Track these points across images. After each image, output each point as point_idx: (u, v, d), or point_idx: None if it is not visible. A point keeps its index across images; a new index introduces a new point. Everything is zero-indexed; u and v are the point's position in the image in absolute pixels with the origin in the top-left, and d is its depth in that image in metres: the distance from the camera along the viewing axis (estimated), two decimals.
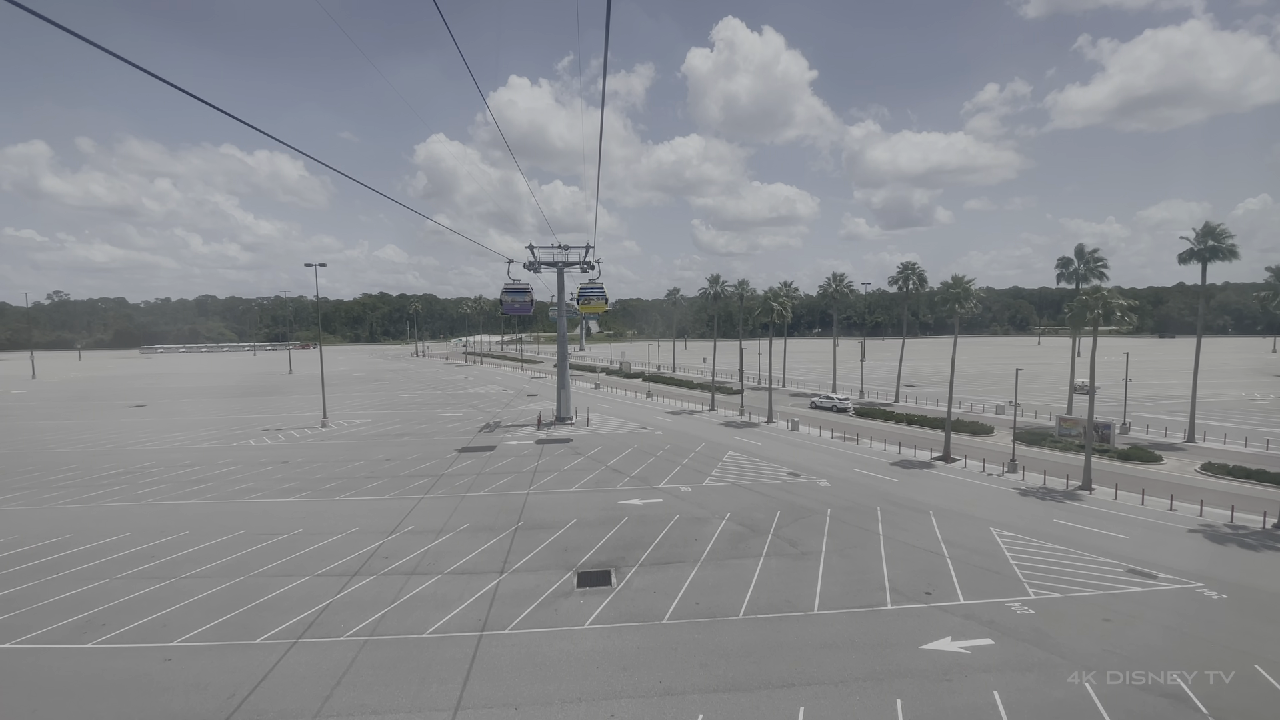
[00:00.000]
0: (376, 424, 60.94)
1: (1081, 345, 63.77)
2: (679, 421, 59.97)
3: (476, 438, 53.38)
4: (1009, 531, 29.75)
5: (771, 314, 56.18)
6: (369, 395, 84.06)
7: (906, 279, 65.99)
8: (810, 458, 44.62)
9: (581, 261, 57.65)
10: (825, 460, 43.88)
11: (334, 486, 38.98)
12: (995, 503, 34.37)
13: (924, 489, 36.97)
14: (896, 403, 69.36)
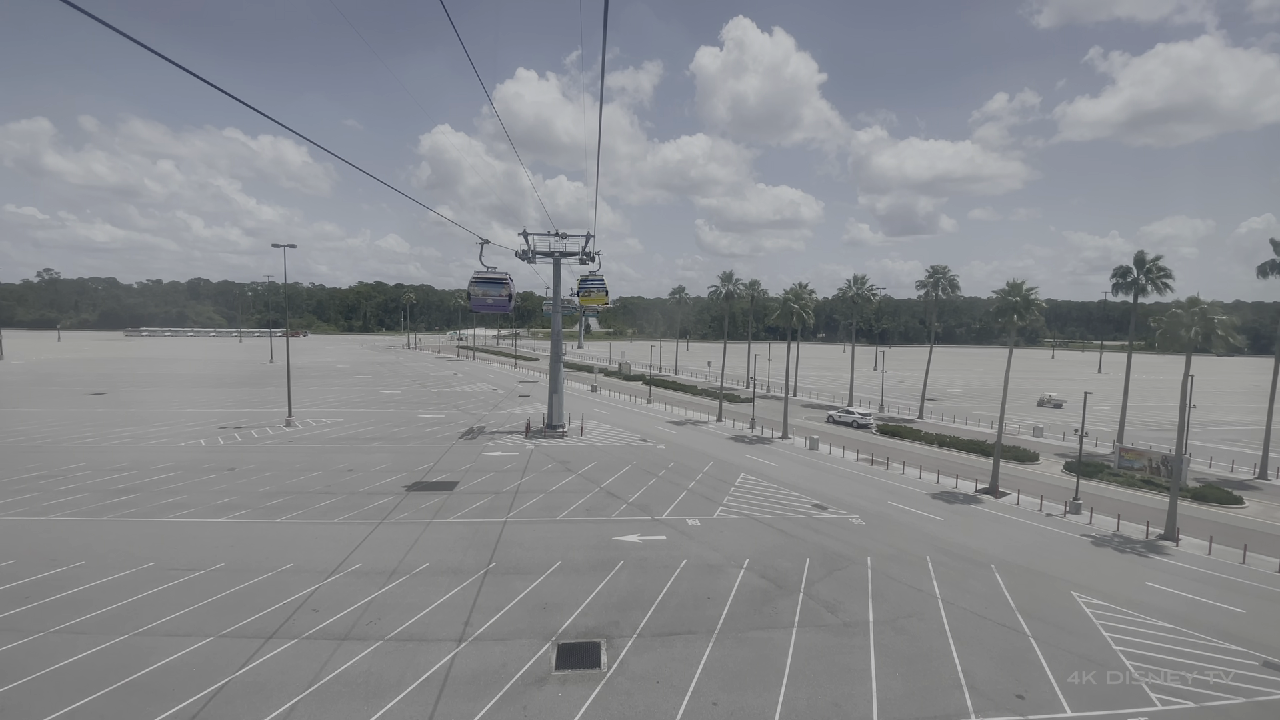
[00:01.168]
0: (347, 425, 55.01)
1: (1103, 359, 57.75)
2: (684, 434, 54.12)
3: (452, 453, 47.53)
4: (1097, 599, 23.95)
5: (791, 317, 50.37)
6: (348, 390, 78.13)
7: (936, 283, 60.17)
8: (836, 485, 38.79)
9: (581, 252, 51.77)
10: (854, 489, 38.04)
11: (279, 504, 33.07)
12: (1067, 555, 28.55)
13: (977, 532, 31.15)
14: (920, 419, 63.57)
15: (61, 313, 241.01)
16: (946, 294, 60.33)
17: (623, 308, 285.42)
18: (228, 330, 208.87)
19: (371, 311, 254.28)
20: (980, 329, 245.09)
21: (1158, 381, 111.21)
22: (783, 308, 50.86)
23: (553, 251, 51.73)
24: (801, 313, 50.21)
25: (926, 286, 60.97)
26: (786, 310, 50.49)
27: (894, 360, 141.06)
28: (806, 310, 50.68)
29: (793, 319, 50.31)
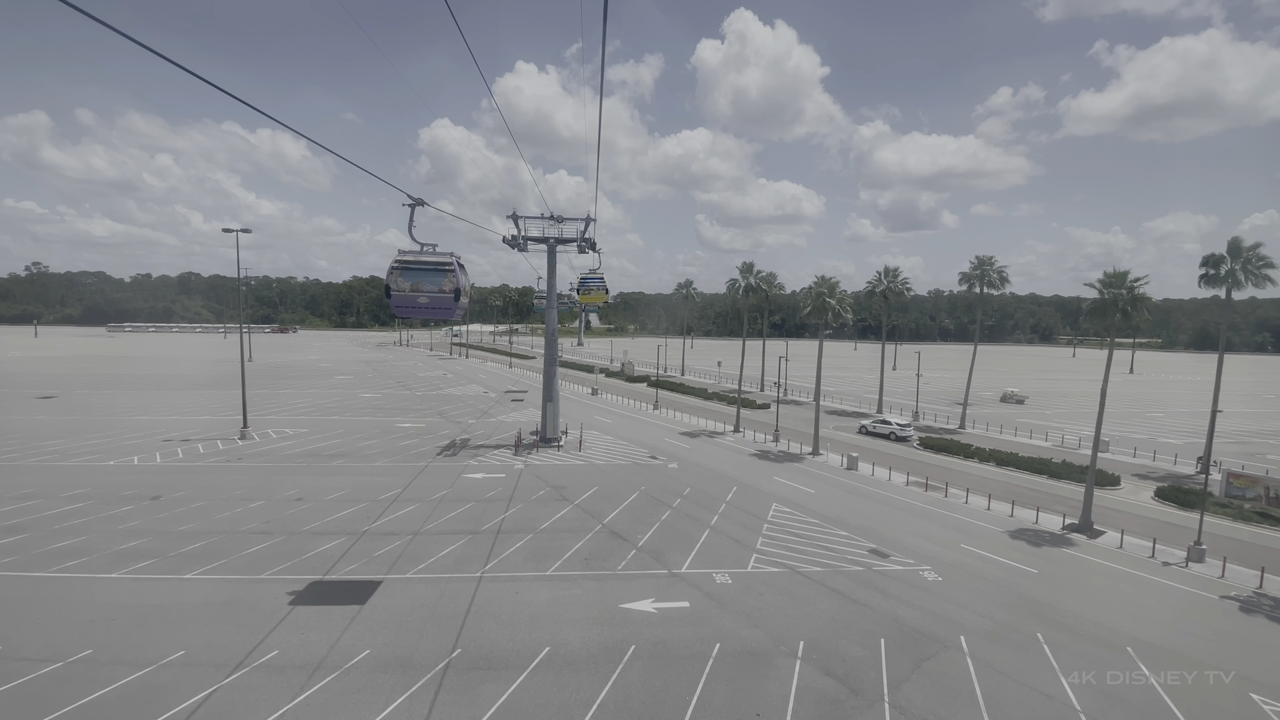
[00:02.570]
0: (312, 436, 48.03)
1: (1135, 359, 50.78)
2: (698, 448, 47.11)
3: (427, 475, 40.58)
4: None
5: (824, 312, 43.32)
6: (324, 394, 71.10)
7: (982, 275, 53.02)
8: (891, 521, 31.80)
9: (579, 239, 44.75)
10: (914, 527, 31.06)
11: (196, 551, 26.12)
12: (1217, 630, 21.58)
13: (1088, 593, 24.18)
14: (962, 429, 56.55)
15: (47, 307, 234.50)
16: (996, 287, 53.23)
17: (623, 303, 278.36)
18: (215, 326, 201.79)
19: (365, 307, 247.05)
20: (990, 327, 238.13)
21: (1193, 383, 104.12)
22: (815, 302, 43.79)
23: (547, 237, 44.70)
24: (838, 307, 43.16)
25: (971, 279, 53.85)
26: (819, 305, 43.42)
27: (909, 359, 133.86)
28: (843, 305, 43.61)
29: (826, 314, 43.26)
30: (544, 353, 45.93)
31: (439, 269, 23.48)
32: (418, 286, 22.98)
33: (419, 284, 23.05)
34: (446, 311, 23.79)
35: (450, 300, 23.55)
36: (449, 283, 23.35)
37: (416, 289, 23.01)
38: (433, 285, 23.33)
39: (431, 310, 23.85)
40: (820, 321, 44.55)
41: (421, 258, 23.67)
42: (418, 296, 23.28)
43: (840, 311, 43.32)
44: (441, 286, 23.36)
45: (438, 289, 23.44)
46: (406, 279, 23.11)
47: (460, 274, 23.74)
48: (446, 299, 23.57)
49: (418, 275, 23.12)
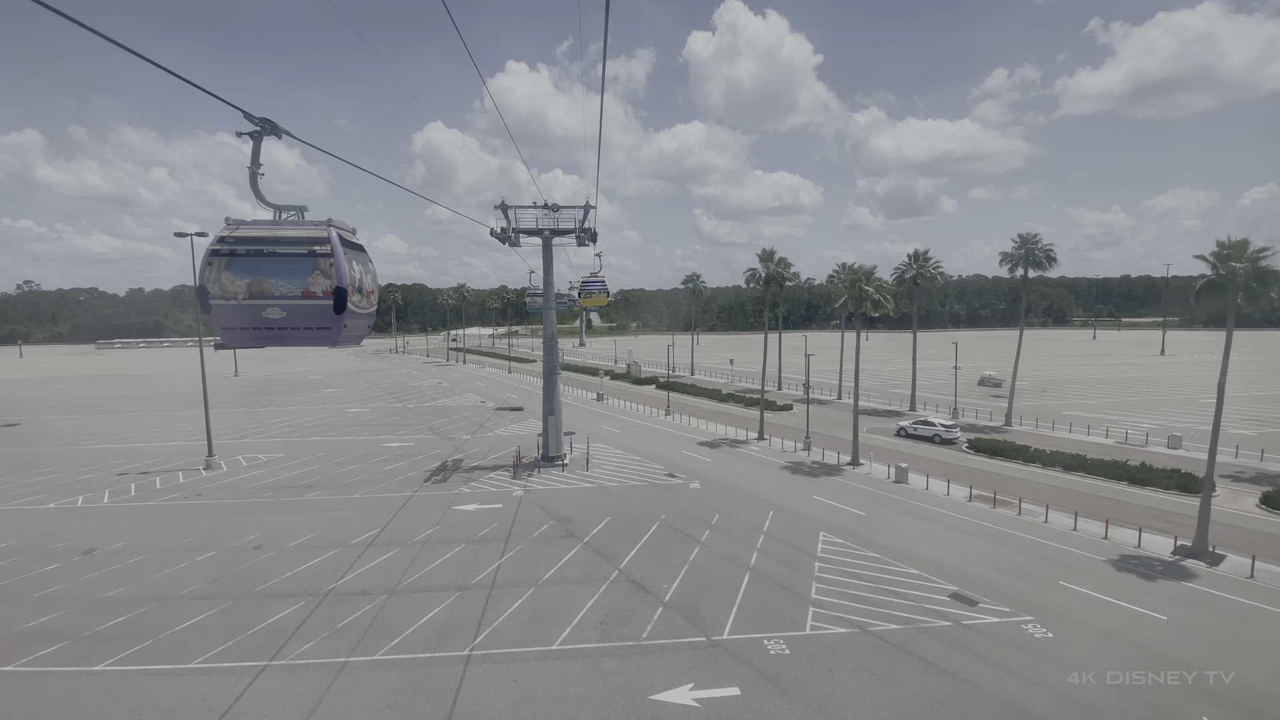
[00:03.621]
0: (286, 463, 42.88)
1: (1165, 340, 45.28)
2: (720, 461, 41.83)
3: (410, 510, 35.39)
4: None
5: (862, 303, 37.95)
6: (308, 409, 65.93)
7: (1028, 255, 47.51)
8: (964, 549, 26.50)
9: (577, 229, 39.44)
10: (993, 556, 25.75)
11: (116, 629, 20.96)
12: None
13: (1243, 649, 18.84)
14: (1009, 426, 51.13)
15: (39, 326, 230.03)
16: (1042, 267, 47.72)
17: (624, 301, 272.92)
18: (209, 339, 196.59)
19: None
20: (1002, 310, 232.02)
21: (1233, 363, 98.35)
22: (850, 290, 38.35)
23: (541, 229, 39.38)
24: (877, 296, 37.76)
25: (1014, 261, 48.34)
26: (856, 294, 37.98)
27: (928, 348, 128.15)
28: (884, 293, 38.21)
29: (864, 304, 37.89)
30: (542, 360, 40.67)
31: (304, 251, 12.01)
32: (262, 288, 11.82)
33: (264, 284, 11.83)
34: (324, 334, 12.13)
35: (326, 312, 11.88)
36: (323, 277, 11.84)
37: (260, 292, 11.79)
38: (292, 284, 11.88)
39: (294, 333, 12.08)
40: (857, 313, 39.13)
41: (274, 232, 12.23)
42: (264, 308, 11.81)
43: (881, 300, 37.95)
44: (308, 286, 11.79)
45: (301, 291, 11.82)
46: (241, 273, 11.82)
47: (347, 259, 12.10)
48: (318, 310, 11.90)
49: (262, 267, 11.91)
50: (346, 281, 11.69)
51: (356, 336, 12.97)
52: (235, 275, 11.69)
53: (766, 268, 47.97)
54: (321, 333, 12.07)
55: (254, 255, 11.83)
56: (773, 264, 48.04)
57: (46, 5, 5.91)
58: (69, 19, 6.27)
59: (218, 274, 11.65)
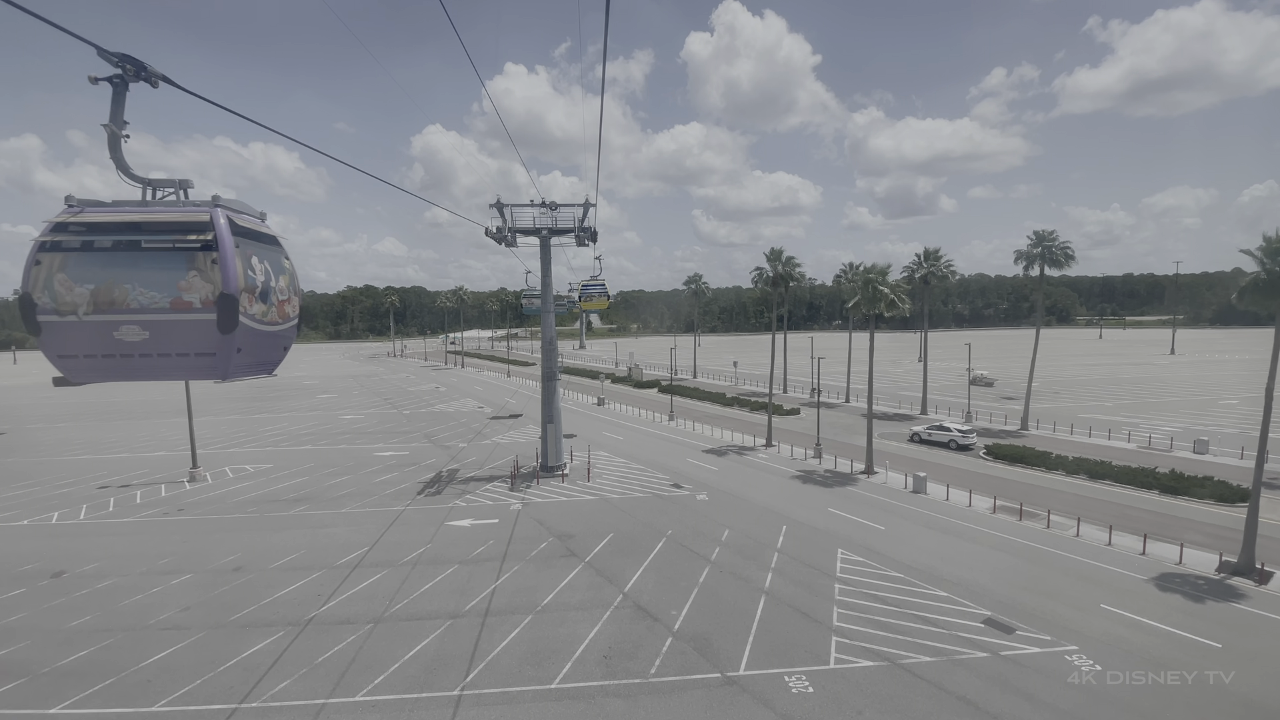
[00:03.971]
0: (275, 474, 41.12)
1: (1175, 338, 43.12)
2: (728, 470, 40.06)
3: (401, 526, 33.65)
4: None
5: (875, 302, 36.15)
6: (301, 416, 64.18)
7: (1045, 253, 45.75)
8: (994, 567, 24.70)
9: (576, 228, 37.69)
10: (1027, 575, 23.96)
11: (78, 663, 19.20)
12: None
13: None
14: (1025, 430, 49.34)
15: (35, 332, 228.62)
16: (1059, 265, 45.96)
17: (624, 303, 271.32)
18: None
19: (359, 316, 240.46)
20: (1007, 309, 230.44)
21: (1246, 362, 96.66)
22: (864, 290, 36.58)
23: (539, 229, 37.65)
24: (892, 296, 35.98)
25: (1029, 258, 46.58)
26: (870, 293, 36.20)
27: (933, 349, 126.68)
28: (899, 293, 36.42)
29: (879, 304, 36.12)
30: (541, 364, 38.92)
31: (174, 244, 7.63)
32: (113, 297, 7.56)
33: (116, 292, 7.56)
34: (207, 362, 7.88)
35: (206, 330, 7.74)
36: (201, 280, 7.63)
37: (111, 302, 7.56)
38: (157, 292, 7.59)
39: (162, 361, 7.81)
40: (871, 313, 37.32)
41: (133, 216, 7.82)
42: (115, 325, 7.59)
43: (896, 300, 36.17)
44: (180, 294, 7.60)
45: (170, 301, 7.58)
46: (83, 277, 7.57)
47: (242, 255, 7.93)
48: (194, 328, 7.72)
49: (115, 267, 7.60)
50: (236, 285, 7.66)
51: (263, 362, 8.83)
52: (74, 280, 7.58)
53: (774, 267, 46.15)
54: (202, 361, 7.91)
55: (103, 251, 7.66)
56: (781, 263, 46.22)
57: (55, 24, 5.72)
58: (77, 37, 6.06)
59: (48, 278, 7.62)
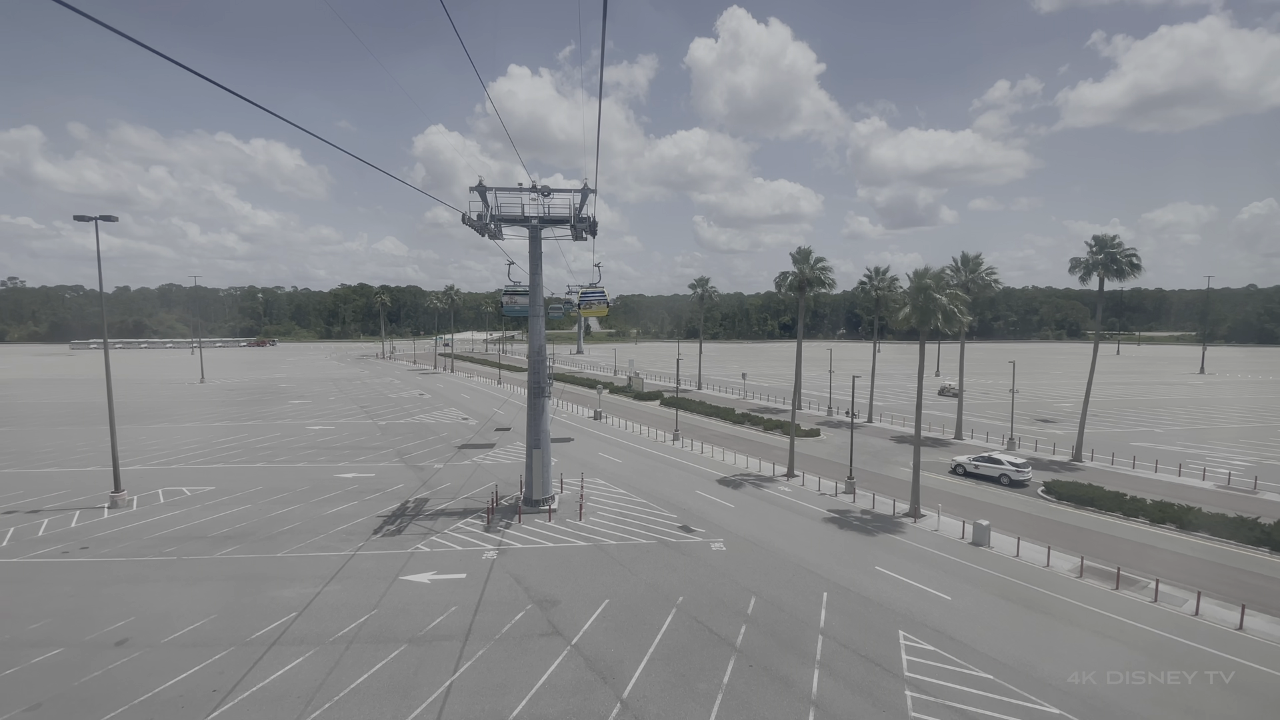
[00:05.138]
0: (214, 499, 35.09)
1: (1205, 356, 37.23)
2: (746, 507, 34.10)
3: (343, 583, 27.67)
4: None
5: (931, 315, 30.29)
6: (265, 426, 58.08)
7: (1108, 261, 40.01)
8: (1104, 662, 18.70)
9: (572, 218, 31.83)
10: (1158, 684, 17.98)
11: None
12: None
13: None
14: (1079, 461, 43.48)
15: (19, 324, 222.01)
16: (1123, 275, 40.26)
17: (624, 307, 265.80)
18: (184, 342, 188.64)
19: (351, 316, 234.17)
20: (1016, 322, 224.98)
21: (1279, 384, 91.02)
22: (915, 300, 30.72)
23: (528, 218, 31.77)
24: (950, 308, 30.15)
25: (1089, 267, 40.83)
26: (924, 306, 30.33)
27: (946, 362, 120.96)
28: (959, 306, 30.56)
29: (933, 319, 30.30)
30: (528, 379, 32.95)
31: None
32: None
33: None
34: None
35: None
36: None
37: None
38: None
39: None
40: (923, 328, 31.46)
41: None
42: None
43: (956, 314, 30.35)
44: None
45: None
46: None
47: None
48: None
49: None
50: None
51: None
52: None
53: (802, 270, 40.19)
54: None
55: None
56: (810, 266, 40.31)
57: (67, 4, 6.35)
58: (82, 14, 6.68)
59: None
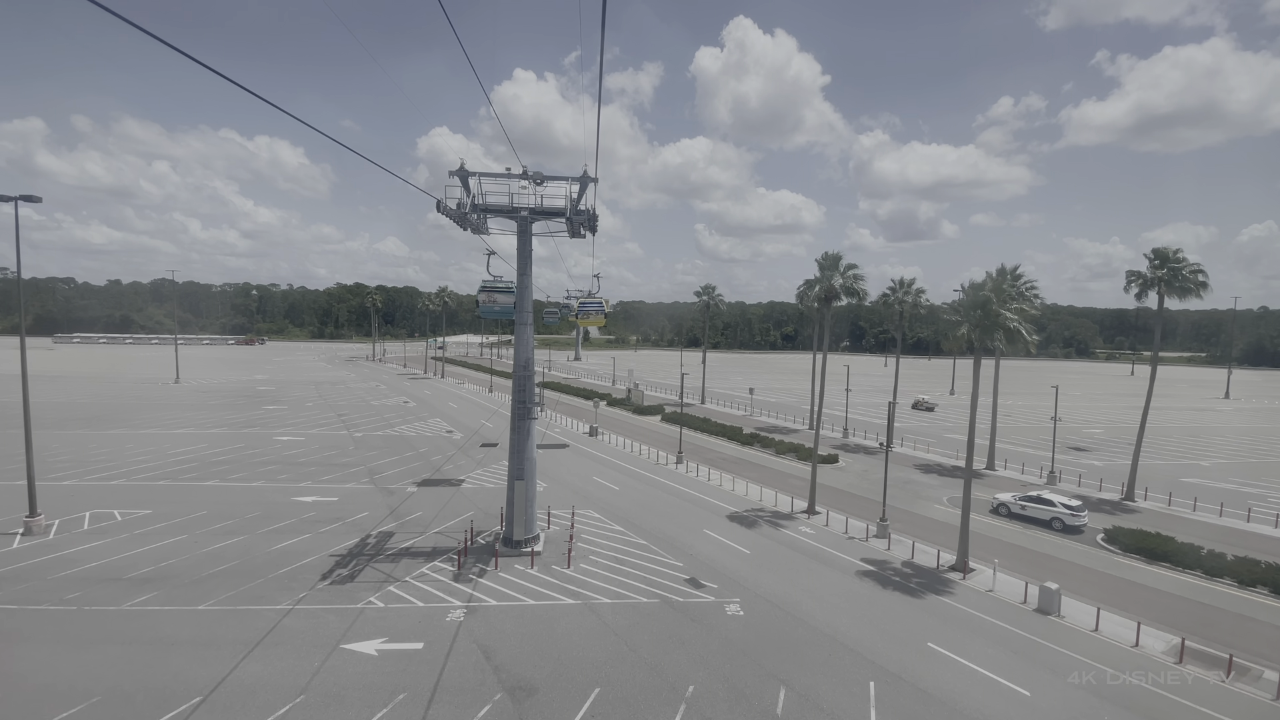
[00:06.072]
0: (147, 526, 30.29)
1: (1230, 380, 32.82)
2: (763, 553, 29.36)
3: (268, 651, 22.88)
4: None
5: (993, 334, 25.64)
6: (230, 434, 53.21)
7: (1173, 276, 35.53)
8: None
9: (569, 210, 27.22)
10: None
11: None
12: None
13: None
14: (1130, 501, 38.84)
15: (4, 315, 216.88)
16: (1184, 294, 35.77)
17: (624, 313, 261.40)
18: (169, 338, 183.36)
19: (346, 316, 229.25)
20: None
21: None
22: (971, 314, 26.08)
23: (517, 208, 27.16)
24: (1017, 326, 25.45)
25: (1148, 283, 36.32)
26: (986, 321, 25.60)
27: (923, 377, 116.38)
28: (1027, 321, 25.87)
29: (994, 337, 25.69)
30: (511, 397, 28.24)
31: None
32: None
33: None
34: None
35: None
36: None
37: None
38: None
39: None
40: (984, 346, 26.90)
41: None
42: None
43: (1021, 331, 25.78)
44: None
45: None
46: None
47: None
48: None
49: None
50: None
51: None
52: None
53: (829, 277, 35.44)
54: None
55: None
56: (841, 274, 35.61)
57: None
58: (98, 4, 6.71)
59: None
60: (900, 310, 49.78)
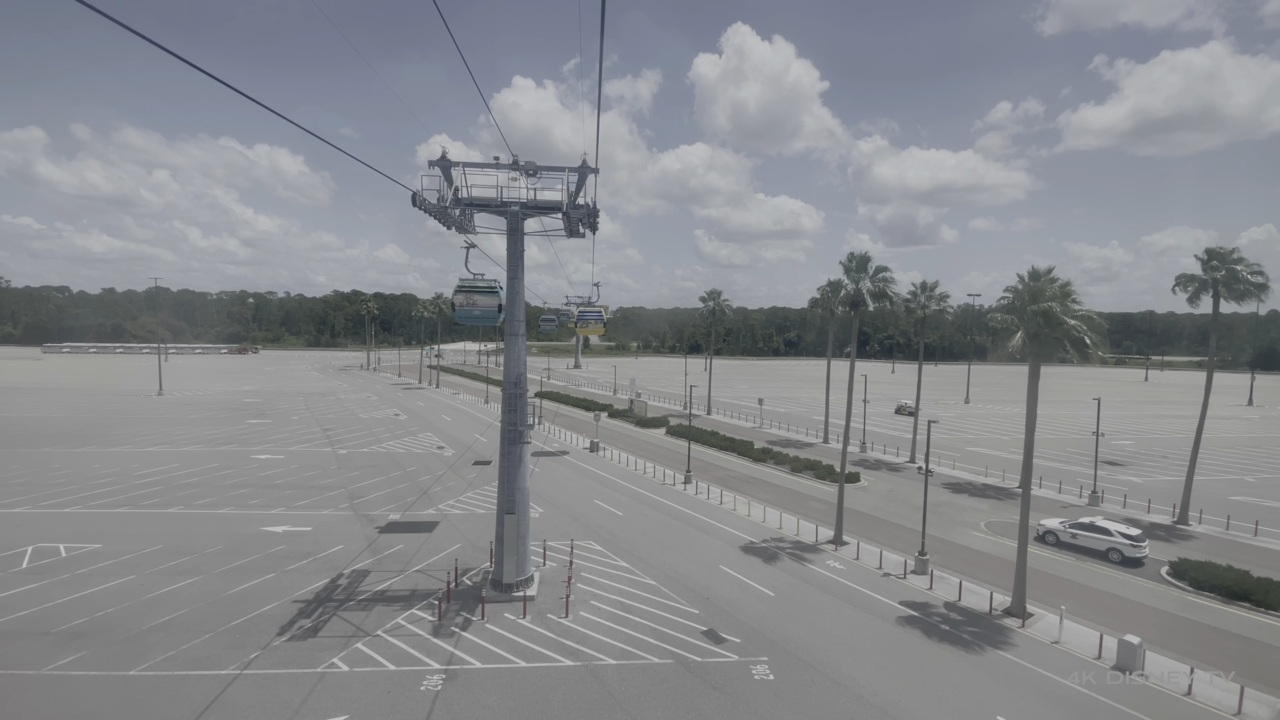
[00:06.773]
0: (93, 563, 26.88)
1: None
2: (788, 595, 25.93)
3: (218, 714, 19.40)
4: None
5: (1057, 347, 22.37)
6: (203, 453, 49.80)
7: (1232, 277, 32.31)
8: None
9: (566, 206, 24.00)
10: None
11: None
12: None
13: None
14: (1185, 526, 35.41)
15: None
16: (1243, 297, 32.54)
17: (624, 319, 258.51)
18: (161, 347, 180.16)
19: (342, 324, 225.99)
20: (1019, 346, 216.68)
21: None
22: (1030, 323, 22.86)
23: (507, 202, 23.93)
24: (1080, 332, 22.25)
25: (1204, 285, 33.11)
26: (1040, 333, 22.42)
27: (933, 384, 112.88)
28: (1088, 330, 22.63)
29: (1059, 348, 22.43)
30: (501, 419, 24.88)
31: None
32: None
33: None
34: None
35: None
36: None
37: None
38: None
39: None
40: (1039, 355, 23.65)
41: None
42: None
43: (1086, 340, 22.59)
44: None
45: None
46: None
47: None
48: None
49: None
50: None
51: None
52: None
53: (857, 280, 32.09)
54: None
55: None
56: (870, 276, 32.26)
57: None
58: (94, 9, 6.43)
59: None
60: (923, 316, 46.49)
